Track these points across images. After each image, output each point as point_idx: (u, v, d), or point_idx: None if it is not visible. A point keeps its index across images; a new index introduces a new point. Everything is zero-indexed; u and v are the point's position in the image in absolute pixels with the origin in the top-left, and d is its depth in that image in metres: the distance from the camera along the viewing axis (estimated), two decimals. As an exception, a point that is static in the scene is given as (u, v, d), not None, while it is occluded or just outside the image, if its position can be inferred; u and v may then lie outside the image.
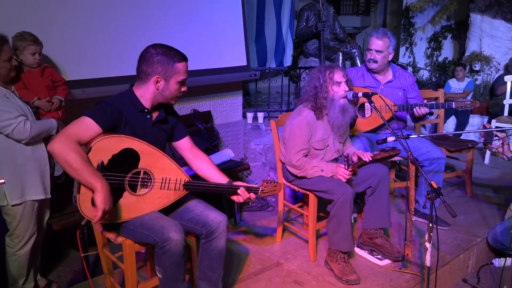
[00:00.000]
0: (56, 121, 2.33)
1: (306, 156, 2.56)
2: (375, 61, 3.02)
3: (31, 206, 2.24)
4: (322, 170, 2.51)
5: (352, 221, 2.61)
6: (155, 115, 2.00)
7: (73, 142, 1.71)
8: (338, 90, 2.47)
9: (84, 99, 2.83)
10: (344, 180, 2.45)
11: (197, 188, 1.98)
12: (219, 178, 2.10)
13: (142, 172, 1.88)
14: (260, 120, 4.57)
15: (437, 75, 7.26)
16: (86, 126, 1.77)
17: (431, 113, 3.08)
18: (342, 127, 2.52)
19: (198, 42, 3.62)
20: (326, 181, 2.49)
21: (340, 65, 4.76)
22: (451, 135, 4.12)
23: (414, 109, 2.94)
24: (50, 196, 2.32)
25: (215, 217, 1.97)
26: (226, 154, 3.53)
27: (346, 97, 2.48)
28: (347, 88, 2.48)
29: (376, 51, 2.99)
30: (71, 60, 2.80)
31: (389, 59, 3.08)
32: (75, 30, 2.81)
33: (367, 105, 3.07)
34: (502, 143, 2.55)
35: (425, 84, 7.15)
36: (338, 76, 2.47)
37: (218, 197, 3.44)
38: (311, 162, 2.53)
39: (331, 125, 2.54)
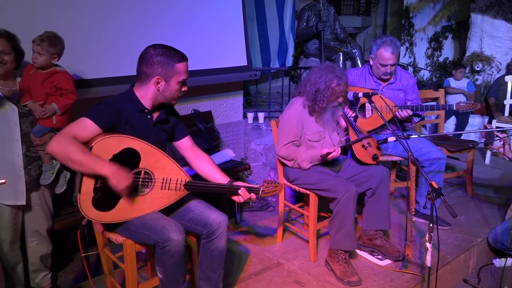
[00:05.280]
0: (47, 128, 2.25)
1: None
2: (391, 74, 3.07)
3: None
4: (311, 162, 2.60)
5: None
6: (155, 115, 2.00)
7: (70, 137, 1.72)
8: (333, 101, 2.58)
9: (85, 99, 2.82)
10: (336, 154, 2.51)
11: (198, 188, 1.98)
12: (220, 178, 2.10)
13: (143, 172, 1.89)
14: (261, 120, 4.56)
15: (437, 75, 7.26)
16: (85, 126, 1.77)
17: (417, 115, 3.07)
18: (330, 124, 2.64)
19: (199, 42, 3.61)
20: (329, 180, 2.50)
21: (341, 65, 4.75)
22: (451, 135, 4.12)
23: (397, 111, 2.95)
24: (23, 203, 2.25)
25: (216, 217, 1.97)
26: (227, 154, 3.53)
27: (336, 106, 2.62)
28: (341, 100, 2.60)
29: (391, 65, 3.01)
30: (72, 60, 2.79)
31: None
32: (76, 30, 2.81)
33: (367, 105, 3.07)
34: (503, 144, 2.55)
35: (425, 84, 7.14)
36: (340, 90, 2.55)
37: (218, 197, 3.43)
38: (299, 152, 2.59)
39: (321, 121, 2.64)
